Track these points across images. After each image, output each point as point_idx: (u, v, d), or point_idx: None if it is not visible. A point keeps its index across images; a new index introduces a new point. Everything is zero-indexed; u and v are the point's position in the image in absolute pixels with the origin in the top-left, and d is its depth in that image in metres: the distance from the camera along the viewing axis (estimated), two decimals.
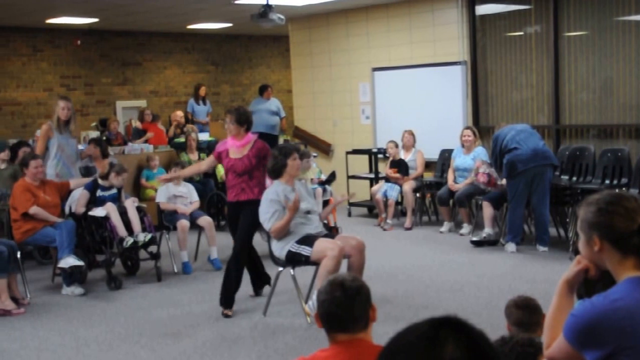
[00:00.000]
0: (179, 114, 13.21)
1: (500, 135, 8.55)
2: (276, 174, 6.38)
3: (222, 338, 5.90)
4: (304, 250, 6.16)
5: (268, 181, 6.68)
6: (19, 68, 13.80)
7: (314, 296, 4.75)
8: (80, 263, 7.34)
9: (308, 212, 6.37)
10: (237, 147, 6.71)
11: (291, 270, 6.24)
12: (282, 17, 10.29)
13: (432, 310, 6.31)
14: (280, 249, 6.26)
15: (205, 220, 8.56)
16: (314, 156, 10.30)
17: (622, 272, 2.44)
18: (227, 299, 6.58)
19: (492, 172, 8.93)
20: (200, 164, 8.02)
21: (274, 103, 12.92)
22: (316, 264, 6.14)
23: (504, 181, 8.75)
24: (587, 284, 2.69)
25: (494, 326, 3.20)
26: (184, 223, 8.36)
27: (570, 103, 10.37)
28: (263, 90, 13.05)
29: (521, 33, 10.88)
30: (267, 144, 6.95)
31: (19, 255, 7.50)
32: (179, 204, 8.70)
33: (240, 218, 6.63)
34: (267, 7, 10.21)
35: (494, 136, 8.69)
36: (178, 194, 8.77)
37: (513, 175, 8.37)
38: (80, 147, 10.61)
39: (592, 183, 8.93)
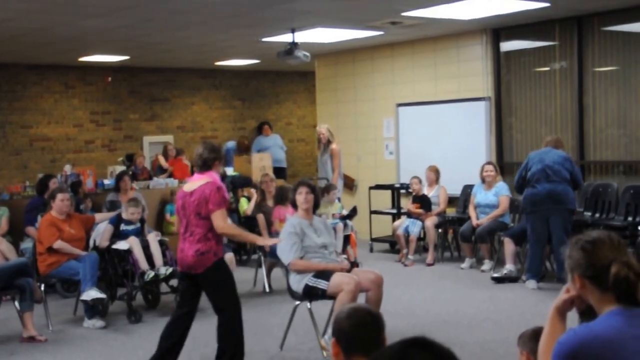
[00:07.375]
0: None
1: (530, 158, 8.55)
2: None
3: None
4: (321, 284, 6.20)
5: (288, 214, 6.73)
6: (51, 105, 14.08)
7: (330, 330, 4.76)
8: (102, 296, 7.45)
9: (324, 247, 6.42)
10: None
11: (308, 304, 6.27)
12: (307, 54, 10.46)
13: (448, 345, 6.27)
14: (297, 282, 6.31)
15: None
16: None
17: (604, 308, 2.54)
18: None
19: None
20: None
21: (278, 138, 15.38)
22: (333, 298, 6.18)
23: None
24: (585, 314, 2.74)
25: None
26: None
27: (595, 139, 10.34)
28: (263, 126, 15.65)
29: (546, 69, 10.90)
30: (282, 177, 6.95)
31: (42, 287, 7.65)
32: None
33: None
34: (293, 45, 10.41)
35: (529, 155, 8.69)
36: None
37: (527, 212, 8.52)
38: (107, 182, 10.81)
39: (615, 220, 8.86)
